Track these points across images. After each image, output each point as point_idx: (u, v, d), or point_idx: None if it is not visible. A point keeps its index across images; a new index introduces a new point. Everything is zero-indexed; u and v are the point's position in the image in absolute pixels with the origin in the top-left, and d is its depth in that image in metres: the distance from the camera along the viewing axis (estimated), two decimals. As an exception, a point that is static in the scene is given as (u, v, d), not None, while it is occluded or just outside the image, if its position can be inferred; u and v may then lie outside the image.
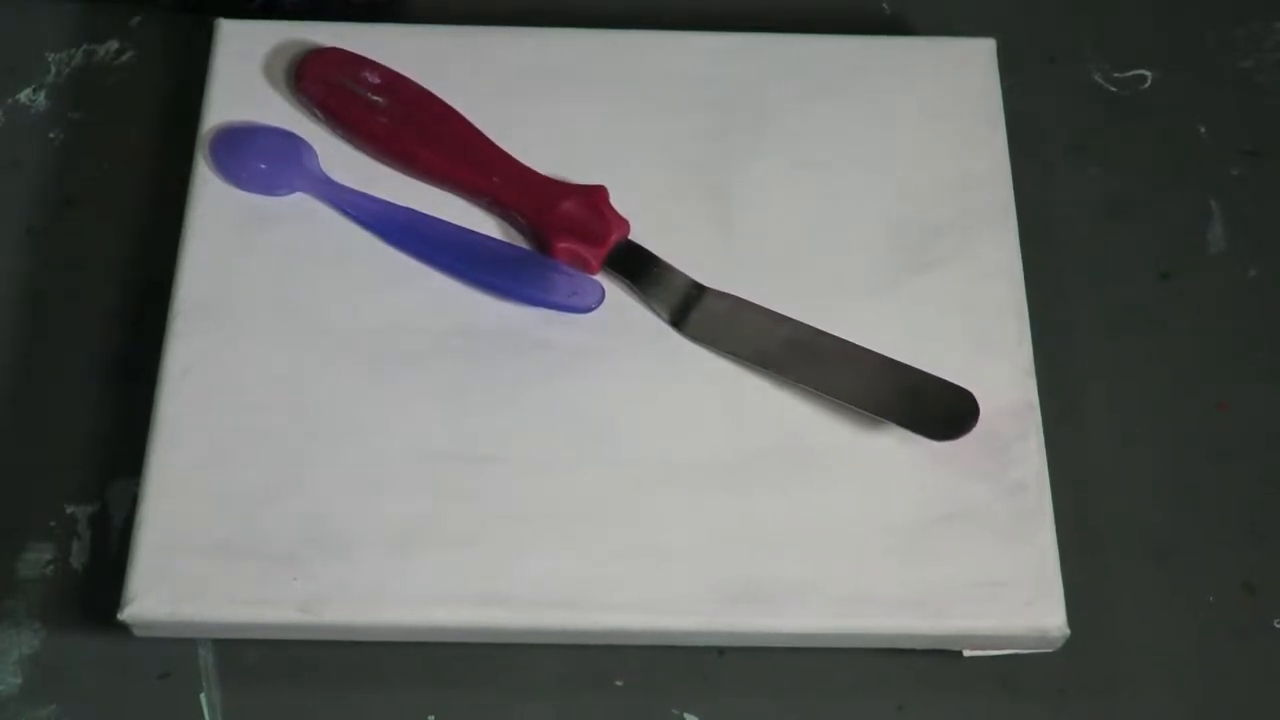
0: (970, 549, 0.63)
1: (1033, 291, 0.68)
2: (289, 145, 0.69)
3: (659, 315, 0.67)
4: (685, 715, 0.65)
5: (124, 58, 0.76)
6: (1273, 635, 0.67)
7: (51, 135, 0.75)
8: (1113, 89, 0.77)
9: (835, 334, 0.66)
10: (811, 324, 0.66)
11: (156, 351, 0.66)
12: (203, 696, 0.65)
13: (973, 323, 0.67)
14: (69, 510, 0.67)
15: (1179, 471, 0.69)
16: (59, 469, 0.68)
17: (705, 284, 0.67)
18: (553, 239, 0.67)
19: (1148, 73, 0.78)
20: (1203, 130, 0.77)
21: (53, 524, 0.67)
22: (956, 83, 0.72)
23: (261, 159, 0.69)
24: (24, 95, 0.76)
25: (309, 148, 0.70)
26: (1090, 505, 0.67)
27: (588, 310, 0.67)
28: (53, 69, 0.76)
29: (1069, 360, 0.70)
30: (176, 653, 0.65)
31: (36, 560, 0.66)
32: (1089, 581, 0.64)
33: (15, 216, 0.73)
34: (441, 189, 0.69)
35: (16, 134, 0.74)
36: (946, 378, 0.65)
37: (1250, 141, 0.76)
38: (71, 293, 0.71)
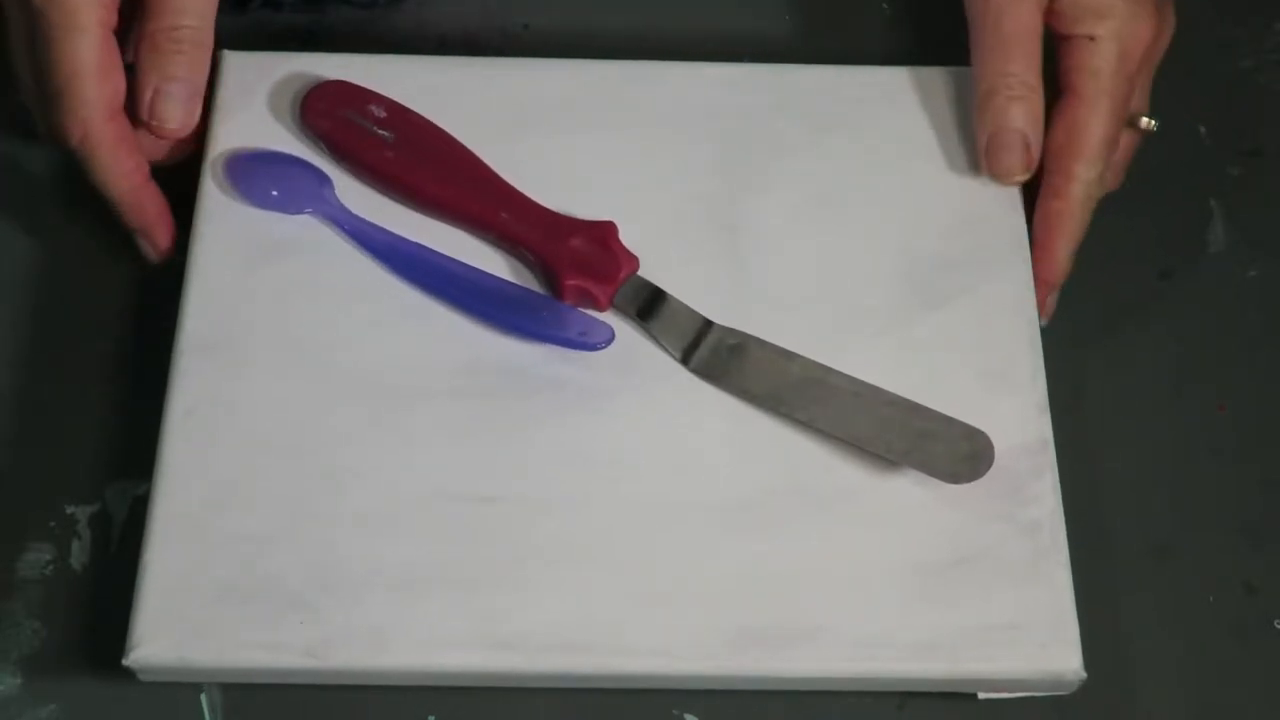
0: (984, 592, 0.62)
1: (1032, 291, 0.68)
2: (307, 172, 0.68)
3: (669, 352, 0.66)
4: (685, 715, 0.65)
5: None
6: (1273, 635, 0.67)
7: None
8: (1113, 89, 0.77)
9: (846, 371, 0.65)
10: (822, 361, 0.65)
11: (157, 351, 0.66)
12: (203, 696, 0.65)
13: (986, 359, 0.66)
14: (69, 510, 0.67)
15: (1179, 471, 0.69)
16: (59, 469, 0.68)
17: (715, 320, 0.66)
18: (562, 276, 0.66)
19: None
20: (1203, 130, 0.77)
21: (53, 524, 0.67)
22: (967, 114, 0.70)
23: (275, 185, 0.68)
24: (25, 97, 0.76)
25: (326, 177, 0.68)
26: (1090, 504, 0.67)
27: (596, 348, 0.65)
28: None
29: (1069, 360, 0.70)
30: (176, 653, 0.65)
31: (36, 560, 0.66)
32: (1089, 581, 0.64)
33: (15, 216, 0.73)
34: (448, 224, 0.68)
35: (17, 136, 0.74)
36: (959, 415, 0.64)
37: (1250, 141, 0.76)
38: (72, 293, 0.71)
